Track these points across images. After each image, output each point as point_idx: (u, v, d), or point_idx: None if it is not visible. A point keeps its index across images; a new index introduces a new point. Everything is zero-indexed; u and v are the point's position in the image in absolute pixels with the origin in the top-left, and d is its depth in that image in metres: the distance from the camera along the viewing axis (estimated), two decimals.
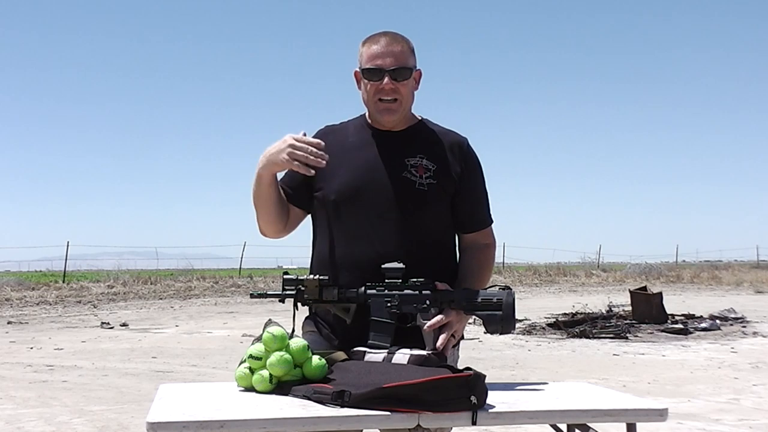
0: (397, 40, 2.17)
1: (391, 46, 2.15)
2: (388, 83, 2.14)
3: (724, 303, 14.45)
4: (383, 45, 2.15)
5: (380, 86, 2.14)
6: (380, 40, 2.16)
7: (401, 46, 2.16)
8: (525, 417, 1.81)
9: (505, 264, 30.30)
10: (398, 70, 2.14)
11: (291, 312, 2.07)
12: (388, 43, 2.15)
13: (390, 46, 2.15)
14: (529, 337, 9.81)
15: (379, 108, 2.18)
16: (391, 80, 2.14)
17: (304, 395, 1.80)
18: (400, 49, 2.15)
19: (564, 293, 19.88)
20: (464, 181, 2.23)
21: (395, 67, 2.13)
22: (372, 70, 2.15)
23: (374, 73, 2.15)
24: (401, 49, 2.16)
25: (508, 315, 2.04)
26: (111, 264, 26.56)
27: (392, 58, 2.14)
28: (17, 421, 4.82)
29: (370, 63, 2.15)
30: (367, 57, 2.16)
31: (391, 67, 2.13)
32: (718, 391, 5.85)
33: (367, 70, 2.16)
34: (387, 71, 2.13)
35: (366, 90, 2.19)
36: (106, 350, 8.55)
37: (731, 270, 29.24)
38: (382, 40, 2.16)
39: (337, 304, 2.07)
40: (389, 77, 2.13)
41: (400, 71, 2.14)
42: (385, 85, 2.14)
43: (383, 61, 2.13)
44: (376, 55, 2.14)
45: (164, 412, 1.69)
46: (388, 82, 2.13)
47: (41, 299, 16.85)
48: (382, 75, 2.14)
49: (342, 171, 2.18)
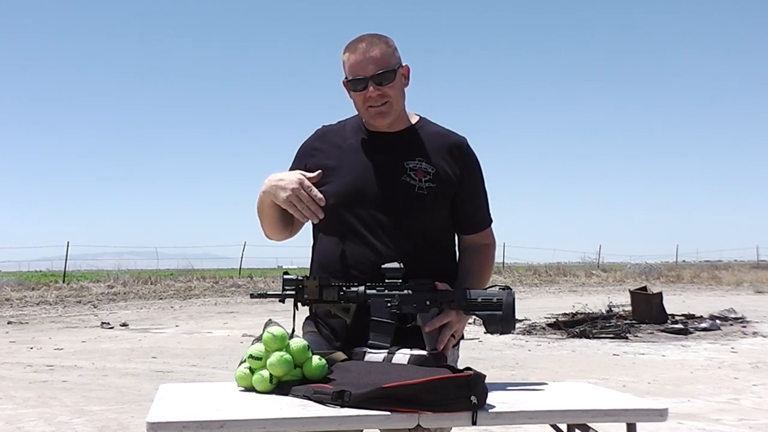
0: (374, 44, 2.14)
1: (369, 52, 2.13)
2: (373, 90, 2.12)
3: (724, 303, 14.44)
4: (361, 53, 2.13)
5: (366, 95, 2.13)
6: (358, 48, 2.14)
7: (379, 49, 2.14)
8: (525, 417, 1.81)
9: (505, 264, 30.29)
10: (381, 75, 2.12)
11: (291, 312, 2.07)
12: (366, 49, 2.13)
13: (368, 52, 2.12)
14: (529, 337, 9.80)
15: (371, 114, 2.17)
16: (376, 87, 2.12)
17: (304, 395, 1.80)
18: (380, 53, 2.13)
19: (564, 293, 19.88)
20: (464, 183, 2.23)
21: (377, 71, 2.12)
22: (355, 80, 2.14)
23: (358, 83, 2.14)
24: (380, 53, 2.13)
25: (508, 315, 2.04)
26: (111, 264, 26.58)
27: (373, 65, 2.12)
28: (17, 421, 4.82)
29: (352, 74, 2.14)
30: (349, 68, 2.15)
31: (373, 74, 2.12)
32: (718, 391, 5.85)
33: (350, 81, 2.15)
34: (370, 79, 2.12)
35: (355, 100, 2.19)
36: (106, 350, 8.55)
37: (731, 270, 29.23)
38: (360, 47, 2.14)
39: (337, 305, 2.07)
40: (373, 85, 2.12)
41: (383, 75, 2.12)
42: (371, 93, 2.13)
43: (365, 70, 2.12)
44: (357, 65, 2.13)
45: (164, 412, 1.69)
46: (373, 89, 2.12)
47: (41, 299, 16.85)
48: (366, 83, 2.12)
49: (341, 174, 2.18)
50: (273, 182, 2.14)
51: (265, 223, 2.26)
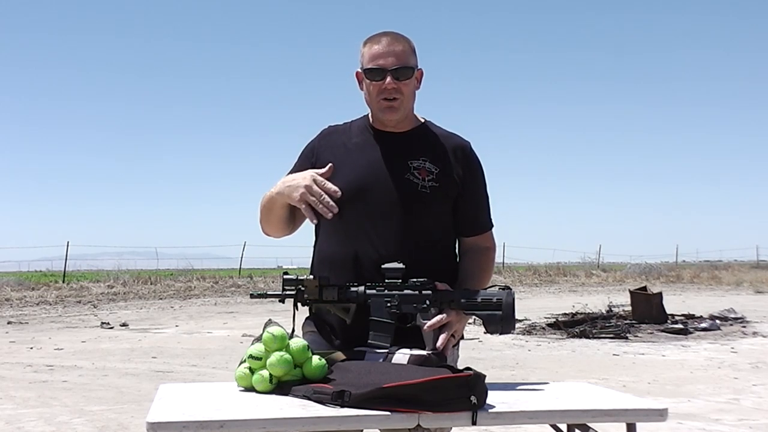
0: (398, 40, 2.18)
1: (392, 46, 2.16)
2: (390, 82, 2.14)
3: (724, 303, 14.45)
4: (385, 45, 2.16)
5: (383, 86, 2.15)
6: (381, 40, 2.17)
7: (402, 46, 2.17)
8: (525, 417, 1.81)
9: (505, 264, 30.29)
10: (400, 70, 2.15)
11: (291, 312, 2.07)
12: (390, 42, 2.16)
13: (391, 46, 2.16)
14: (529, 337, 9.81)
15: (382, 106, 2.18)
16: (393, 79, 2.14)
17: (304, 395, 1.80)
18: (402, 49, 2.16)
19: (564, 293, 19.88)
20: (466, 185, 2.23)
21: (397, 66, 2.14)
22: (374, 69, 2.15)
23: (376, 73, 2.15)
24: (403, 49, 2.17)
25: (508, 315, 2.04)
26: (111, 264, 26.59)
27: (394, 57, 2.15)
28: (17, 421, 4.82)
29: (371, 63, 2.16)
30: (369, 57, 2.17)
31: (392, 67, 2.14)
32: (718, 391, 5.85)
33: (369, 70, 2.17)
34: (389, 71, 2.14)
35: (368, 90, 2.19)
36: (106, 350, 8.55)
37: (731, 270, 29.24)
38: (384, 40, 2.17)
39: (337, 304, 2.07)
40: (391, 76, 2.14)
41: (402, 70, 2.15)
42: (388, 85, 2.15)
43: (385, 61, 2.14)
44: (378, 55, 2.15)
45: (164, 412, 1.69)
46: (391, 81, 2.14)
47: (41, 299, 16.86)
48: (384, 74, 2.14)
49: (345, 172, 2.19)
50: (287, 183, 2.16)
51: (270, 221, 2.27)
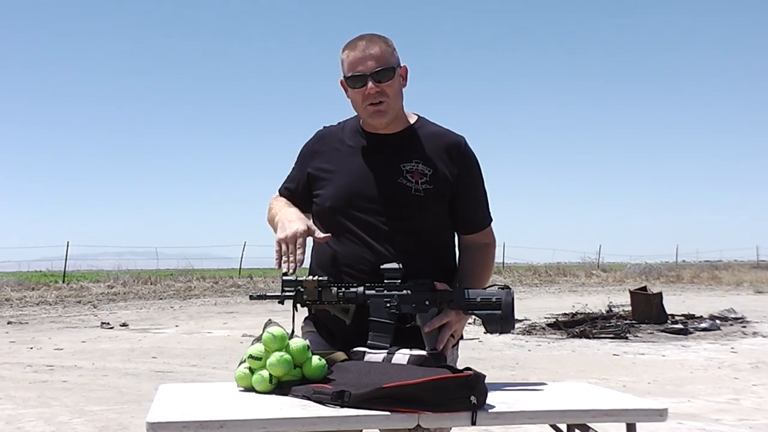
0: (374, 42, 2.15)
1: (369, 49, 2.13)
2: (372, 87, 2.12)
3: (724, 303, 14.45)
4: (361, 49, 2.14)
5: (366, 91, 2.13)
6: (358, 45, 2.15)
7: (379, 47, 2.15)
8: (525, 417, 1.81)
9: (505, 264, 30.29)
10: (381, 72, 2.12)
11: (291, 312, 2.07)
12: (366, 46, 2.14)
13: (368, 50, 2.13)
14: (529, 337, 9.81)
15: (369, 112, 2.16)
16: (375, 83, 2.12)
17: (304, 395, 1.80)
18: (379, 51, 2.14)
19: (564, 293, 19.88)
20: (462, 183, 2.22)
21: (377, 68, 2.12)
22: (354, 77, 2.14)
23: (357, 80, 2.14)
24: (380, 50, 2.14)
25: (508, 314, 2.04)
26: (111, 264, 26.63)
27: (372, 61, 2.12)
28: (17, 421, 4.82)
29: (351, 71, 2.14)
30: (348, 65, 2.15)
31: (372, 71, 2.12)
32: (718, 391, 5.85)
33: (349, 77, 2.15)
34: (369, 75, 2.12)
35: (353, 98, 2.18)
36: (106, 350, 8.55)
37: (731, 270, 29.23)
38: (360, 44, 2.15)
39: (337, 305, 2.07)
40: (372, 81, 2.12)
41: (382, 72, 2.13)
42: (370, 90, 2.12)
43: (364, 66, 2.12)
44: (357, 61, 2.13)
45: (164, 412, 1.69)
46: (373, 86, 2.12)
47: (41, 299, 16.85)
48: (366, 80, 2.12)
49: (338, 177, 2.19)
50: (284, 218, 2.15)
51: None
